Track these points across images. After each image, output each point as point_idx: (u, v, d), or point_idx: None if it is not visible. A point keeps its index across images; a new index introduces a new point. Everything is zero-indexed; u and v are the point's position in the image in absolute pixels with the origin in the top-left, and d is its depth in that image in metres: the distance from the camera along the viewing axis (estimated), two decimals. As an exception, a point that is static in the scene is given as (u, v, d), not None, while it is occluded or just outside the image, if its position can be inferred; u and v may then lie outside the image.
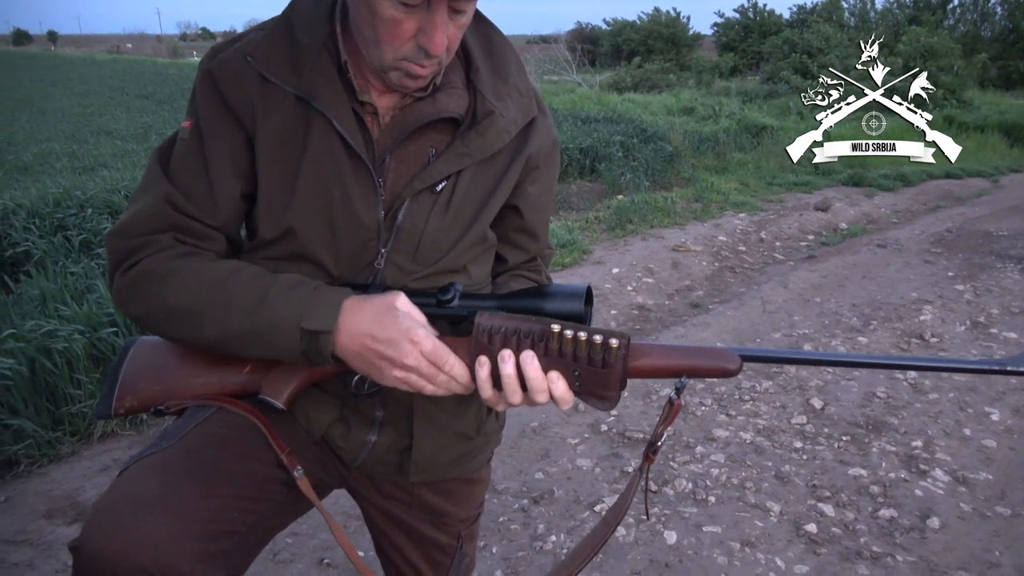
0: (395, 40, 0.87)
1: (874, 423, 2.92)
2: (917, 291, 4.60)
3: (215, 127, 0.94)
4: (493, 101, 0.97)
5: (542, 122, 1.04)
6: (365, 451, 1.06)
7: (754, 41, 24.21)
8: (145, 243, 0.94)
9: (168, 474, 0.90)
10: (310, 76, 0.92)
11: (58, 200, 4.30)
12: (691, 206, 6.65)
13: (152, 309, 0.93)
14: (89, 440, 2.67)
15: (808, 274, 5.00)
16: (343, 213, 0.94)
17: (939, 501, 2.41)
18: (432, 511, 1.15)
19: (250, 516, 0.95)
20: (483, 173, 0.99)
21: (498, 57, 1.01)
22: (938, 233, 6.16)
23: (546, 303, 0.92)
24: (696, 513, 2.32)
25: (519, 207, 1.06)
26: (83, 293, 3.13)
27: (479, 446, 1.14)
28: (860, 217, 6.93)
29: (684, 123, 10.24)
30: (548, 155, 1.06)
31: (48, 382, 2.67)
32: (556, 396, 0.89)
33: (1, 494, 2.36)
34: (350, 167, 0.93)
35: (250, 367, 0.97)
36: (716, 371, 0.91)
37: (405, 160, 0.96)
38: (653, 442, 0.94)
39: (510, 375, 0.88)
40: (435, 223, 0.97)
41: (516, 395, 0.88)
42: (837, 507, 2.37)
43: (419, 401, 1.04)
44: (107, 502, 0.87)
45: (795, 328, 3.97)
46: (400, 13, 0.84)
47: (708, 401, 3.09)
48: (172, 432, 0.96)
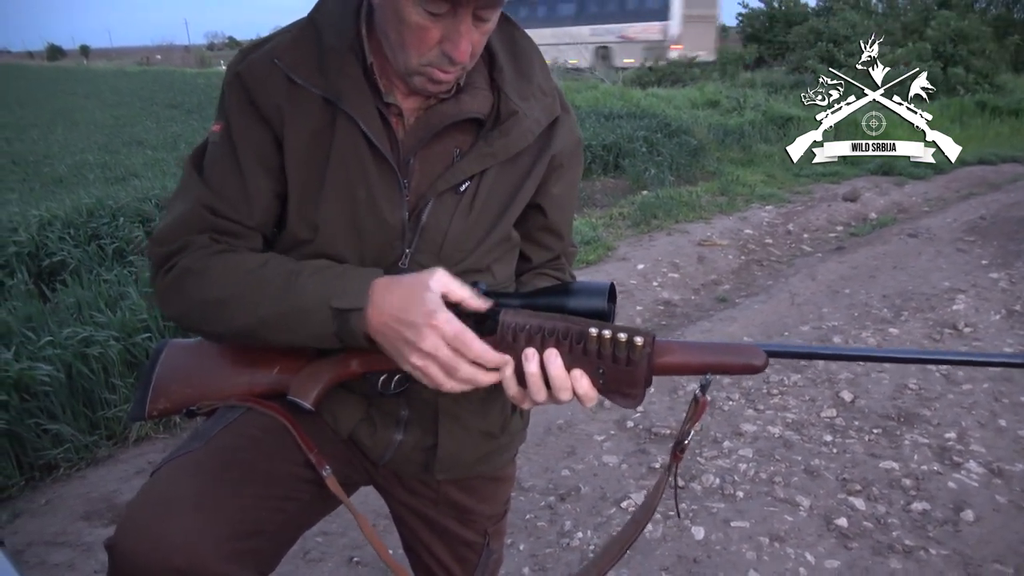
0: (421, 46, 0.88)
1: (906, 415, 2.88)
2: (950, 280, 4.51)
3: (245, 129, 0.96)
4: (517, 101, 0.98)
5: (565, 121, 1.05)
6: (391, 450, 1.08)
7: (779, 31, 23.84)
8: (183, 245, 0.96)
9: (198, 474, 0.92)
10: (337, 78, 0.93)
11: (91, 210, 4.39)
12: (716, 200, 6.59)
13: (190, 305, 0.95)
14: (125, 443, 2.73)
15: (837, 265, 4.93)
16: (368, 213, 0.96)
17: (973, 493, 2.36)
18: (458, 508, 1.16)
19: (279, 515, 0.97)
20: (507, 173, 1.00)
21: (522, 57, 1.02)
22: (971, 221, 6.02)
23: (569, 300, 0.92)
24: (724, 508, 2.30)
25: (543, 206, 1.07)
26: (117, 300, 3.20)
27: (504, 444, 1.15)
28: (890, 206, 6.81)
29: (708, 116, 10.14)
30: (571, 154, 1.07)
31: (85, 388, 2.74)
32: (580, 394, 0.89)
33: (41, 497, 2.43)
34: (375, 168, 0.95)
35: (279, 367, 0.98)
36: (742, 367, 0.90)
37: (429, 160, 0.98)
38: (680, 440, 0.94)
39: (534, 373, 0.88)
40: (459, 223, 0.98)
41: (540, 393, 0.89)
42: (868, 501, 2.34)
43: (444, 400, 1.05)
44: (140, 502, 0.89)
45: (824, 320, 3.92)
46: (426, 20, 0.86)
47: (735, 395, 3.07)
48: (202, 433, 0.99)
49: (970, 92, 12.63)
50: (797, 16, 23.20)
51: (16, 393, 2.58)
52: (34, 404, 2.59)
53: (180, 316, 0.98)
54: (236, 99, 0.96)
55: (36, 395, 2.61)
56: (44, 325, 3.00)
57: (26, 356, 2.72)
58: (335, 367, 0.97)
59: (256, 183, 0.97)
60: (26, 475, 2.50)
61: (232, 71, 0.97)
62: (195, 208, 0.96)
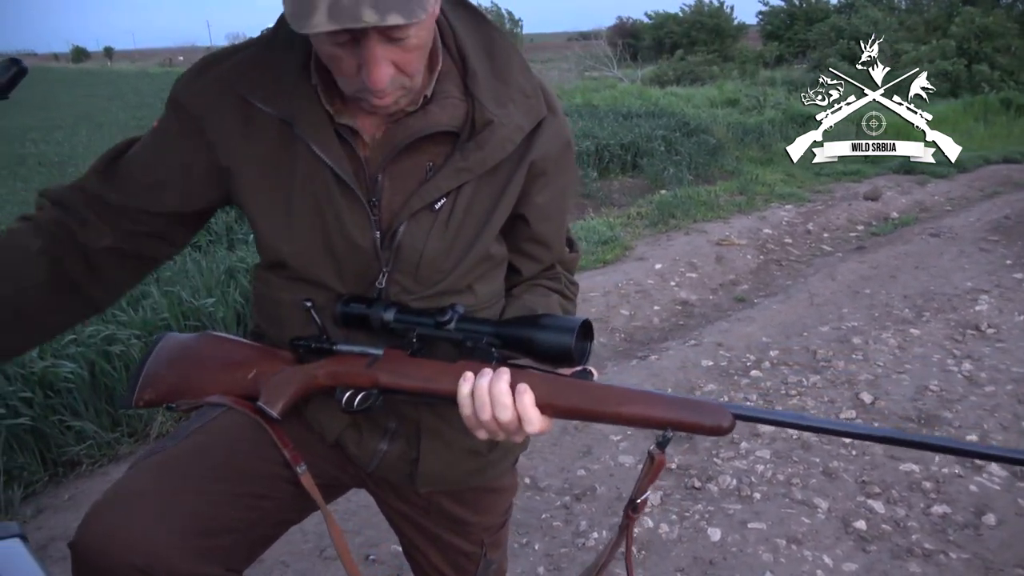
0: (344, 74, 0.83)
1: (927, 417, 2.85)
2: (973, 280, 4.45)
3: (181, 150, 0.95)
4: (493, 109, 0.91)
5: (551, 123, 0.97)
6: (377, 459, 1.05)
7: (800, 28, 23.64)
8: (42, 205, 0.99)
9: (163, 472, 0.92)
10: (290, 100, 0.90)
11: (114, 210, 4.46)
12: (735, 199, 6.55)
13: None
14: (146, 440, 2.77)
15: (857, 265, 4.88)
16: (338, 236, 0.93)
17: (995, 497, 2.33)
18: (452, 519, 1.13)
19: (252, 512, 0.96)
20: (485, 186, 0.94)
21: (499, 58, 0.95)
22: (995, 220, 5.93)
23: (537, 334, 0.87)
24: (741, 510, 2.29)
25: (526, 216, 1.00)
26: (138, 300, 3.25)
27: (494, 460, 1.10)
28: (912, 205, 6.73)
29: (728, 115, 10.09)
30: (557, 159, 0.99)
31: (107, 385, 2.78)
32: (520, 408, 0.85)
33: (64, 492, 2.47)
34: (339, 191, 0.91)
35: (256, 371, 0.98)
36: (707, 428, 0.83)
37: (400, 176, 0.93)
38: (634, 498, 0.89)
39: (482, 387, 0.86)
40: (435, 243, 0.93)
41: (485, 410, 0.85)
42: (888, 503, 2.31)
43: (426, 416, 1.02)
44: (103, 500, 0.91)
45: (844, 321, 3.88)
46: (337, 50, 0.81)
47: (753, 396, 3.05)
48: (177, 433, 0.99)
49: (995, 89, 12.45)
50: (818, 13, 22.98)
51: (40, 390, 2.62)
52: (57, 401, 2.64)
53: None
54: (185, 119, 0.94)
55: (59, 392, 2.66)
56: (67, 323, 3.04)
57: (50, 354, 2.77)
58: (303, 378, 0.96)
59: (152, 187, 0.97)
60: (49, 471, 2.55)
61: (185, 82, 0.95)
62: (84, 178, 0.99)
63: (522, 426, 0.86)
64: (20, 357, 2.68)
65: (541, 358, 0.88)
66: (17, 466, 2.47)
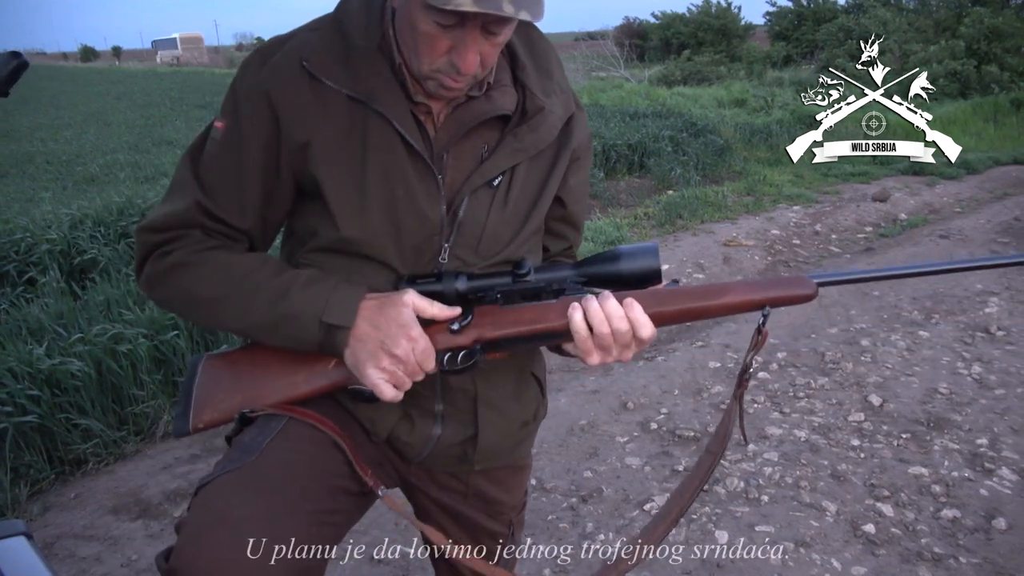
0: (431, 53, 0.89)
1: (936, 420, 2.82)
2: (982, 283, 4.41)
3: (255, 133, 0.96)
4: (542, 97, 1.00)
5: (579, 117, 1.08)
6: (430, 445, 1.08)
7: (808, 29, 23.57)
8: (176, 236, 0.98)
9: (256, 492, 0.89)
10: (367, 78, 0.94)
11: (121, 209, 4.47)
12: (743, 200, 6.53)
13: (178, 296, 0.99)
14: (152, 439, 2.78)
15: (866, 267, 4.85)
16: (407, 210, 0.97)
17: (1006, 501, 2.31)
18: (487, 500, 1.18)
19: (329, 529, 0.96)
20: (534, 167, 1.03)
21: (540, 55, 1.04)
22: (1006, 222, 5.89)
23: (623, 264, 0.98)
24: (748, 512, 2.27)
25: (563, 198, 1.10)
26: (145, 298, 3.25)
27: (531, 431, 1.19)
28: (921, 207, 6.70)
29: (735, 115, 10.07)
30: (586, 148, 1.11)
31: (114, 383, 2.78)
32: (632, 316, 0.94)
33: (71, 491, 2.47)
34: (411, 166, 0.96)
35: (335, 362, 0.98)
36: (795, 299, 0.99)
37: (461, 156, 0.99)
38: (745, 369, 1.01)
39: (594, 307, 0.94)
40: (496, 217, 1.00)
41: (604, 326, 0.94)
42: (897, 507, 2.29)
43: (483, 390, 1.07)
44: (197, 522, 0.87)
45: (852, 323, 3.86)
46: (436, 30, 0.87)
47: (761, 398, 3.04)
48: (250, 446, 0.95)
49: (1005, 90, 12.37)
50: (826, 13, 22.91)
51: (48, 388, 2.63)
52: (64, 399, 2.65)
53: (165, 303, 1.03)
54: (252, 101, 0.96)
55: (67, 390, 2.66)
56: (75, 322, 3.05)
57: (58, 352, 2.78)
58: None
59: (254, 189, 0.98)
60: (56, 469, 2.55)
61: (251, 72, 0.97)
62: (189, 210, 0.98)
63: (637, 332, 0.95)
64: (29, 356, 2.69)
65: (629, 284, 0.99)
66: (24, 464, 2.48)
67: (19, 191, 6.71)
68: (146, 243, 1.00)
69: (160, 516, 2.34)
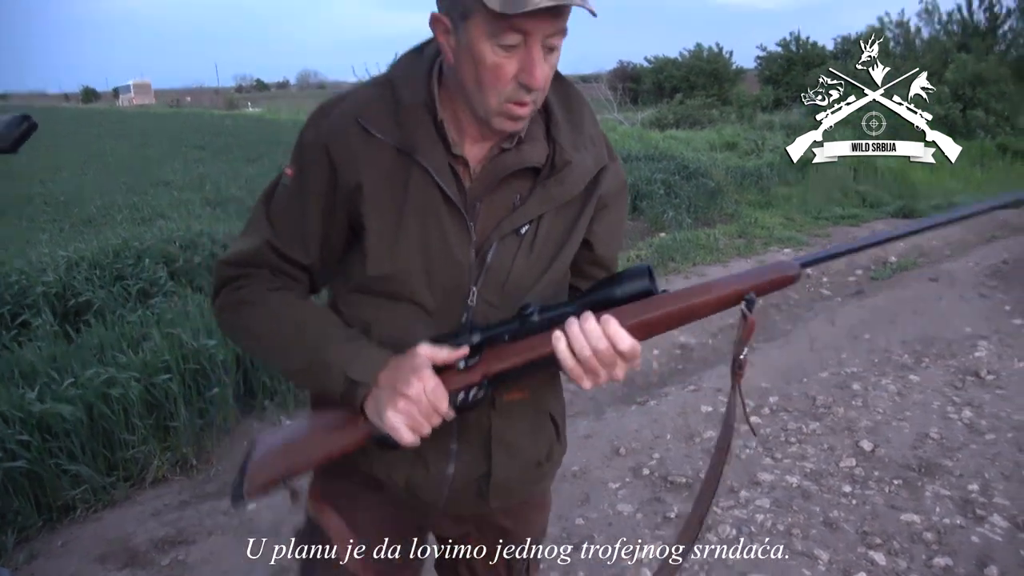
0: (499, 83, 0.97)
1: (927, 466, 2.83)
2: (971, 326, 4.45)
3: (317, 179, 1.06)
4: (571, 152, 1.07)
5: (612, 168, 1.14)
6: (446, 485, 1.14)
7: (797, 73, 24.05)
8: (248, 273, 1.10)
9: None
10: (413, 132, 1.03)
11: (117, 251, 4.49)
12: (734, 242, 6.60)
13: (239, 329, 1.11)
14: (142, 485, 2.76)
15: (856, 310, 4.89)
16: (440, 254, 1.05)
17: (998, 548, 2.31)
18: (504, 534, 1.24)
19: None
20: (561, 216, 1.09)
21: (575, 111, 1.11)
22: (994, 265, 5.96)
23: (616, 289, 1.02)
24: (740, 561, 2.27)
25: (591, 242, 1.16)
26: (139, 342, 3.26)
27: (546, 473, 1.24)
28: (910, 249, 6.77)
29: (727, 158, 10.21)
30: (616, 195, 1.16)
31: (105, 428, 2.77)
32: (609, 332, 0.97)
33: (58, 539, 2.45)
34: (447, 212, 1.04)
35: (364, 417, 1.05)
36: (780, 282, 1.01)
37: (493, 205, 1.07)
38: (736, 358, 1.02)
39: (573, 329, 0.98)
40: (521, 262, 1.07)
41: (584, 348, 0.97)
42: (889, 555, 2.29)
43: (498, 427, 1.12)
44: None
45: (843, 366, 3.88)
46: (501, 57, 0.95)
47: (752, 444, 3.04)
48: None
49: (990, 135, 12.59)
50: (815, 58, 23.39)
51: (38, 433, 2.62)
52: (55, 444, 2.63)
53: (229, 332, 1.16)
54: (315, 153, 1.06)
55: (57, 435, 2.65)
56: (68, 365, 3.05)
57: (50, 396, 2.77)
58: None
59: (316, 229, 1.09)
60: (44, 516, 2.53)
61: (315, 127, 1.07)
62: (262, 248, 1.09)
63: (616, 346, 0.96)
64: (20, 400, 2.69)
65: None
66: (12, 511, 2.46)
67: (17, 232, 6.73)
68: (222, 276, 1.12)
69: (147, 564, 2.31)
